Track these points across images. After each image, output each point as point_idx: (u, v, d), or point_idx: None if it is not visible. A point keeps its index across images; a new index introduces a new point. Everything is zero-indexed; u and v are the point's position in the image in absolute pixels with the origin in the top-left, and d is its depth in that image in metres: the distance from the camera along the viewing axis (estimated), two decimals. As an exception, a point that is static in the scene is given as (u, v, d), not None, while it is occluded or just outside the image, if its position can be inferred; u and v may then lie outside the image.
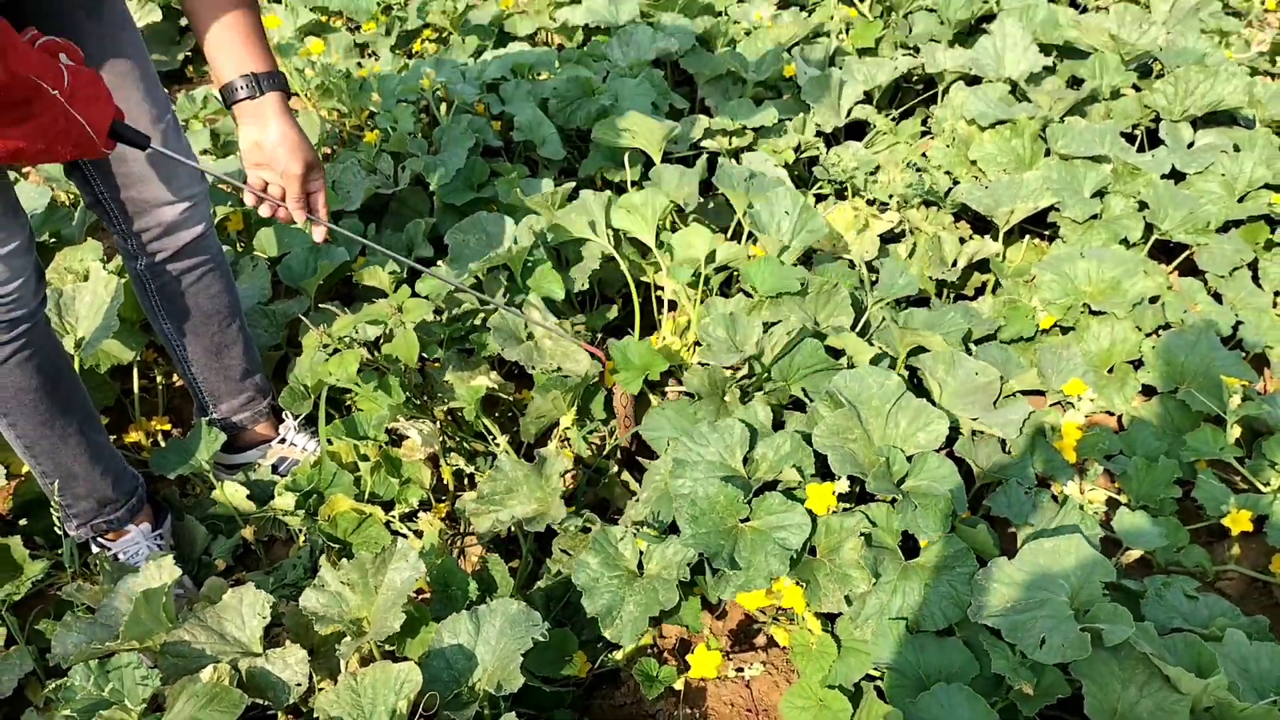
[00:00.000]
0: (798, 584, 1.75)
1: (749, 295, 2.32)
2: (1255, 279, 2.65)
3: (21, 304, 1.68)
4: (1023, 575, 1.66)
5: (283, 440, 2.30)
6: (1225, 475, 2.21)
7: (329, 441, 2.14)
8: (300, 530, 2.06)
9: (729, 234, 2.66)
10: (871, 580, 1.71)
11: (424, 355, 2.26)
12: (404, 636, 1.69)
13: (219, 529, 2.21)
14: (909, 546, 1.81)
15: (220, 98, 1.63)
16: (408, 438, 2.09)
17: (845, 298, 2.30)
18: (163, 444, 2.32)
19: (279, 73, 1.63)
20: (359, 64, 3.45)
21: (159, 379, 2.52)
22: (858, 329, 2.37)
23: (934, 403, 2.03)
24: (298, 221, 1.69)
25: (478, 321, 2.36)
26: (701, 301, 2.30)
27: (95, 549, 2.02)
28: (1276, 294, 2.65)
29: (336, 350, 2.10)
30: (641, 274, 2.48)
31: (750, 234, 2.50)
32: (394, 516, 2.07)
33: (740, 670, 1.87)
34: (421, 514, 2.04)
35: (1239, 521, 2.01)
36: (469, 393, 2.15)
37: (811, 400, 2.04)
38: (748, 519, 1.76)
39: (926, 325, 2.29)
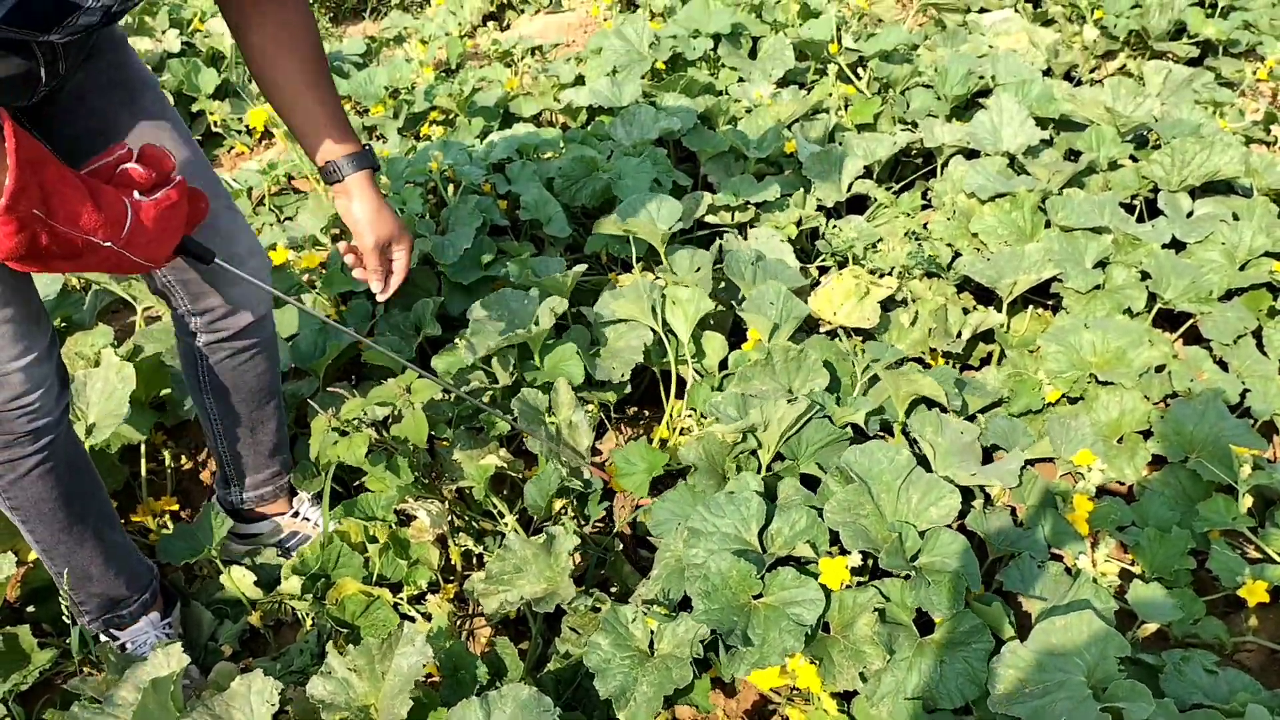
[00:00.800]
0: (812, 662, 1.73)
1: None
2: (1259, 346, 2.65)
3: (44, 412, 1.66)
4: (1037, 656, 1.64)
5: (295, 514, 2.30)
6: (1238, 544, 2.19)
7: (338, 522, 2.14)
8: (308, 615, 2.05)
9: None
10: (886, 657, 1.69)
11: (433, 434, 2.27)
12: (413, 723, 1.67)
13: (225, 613, 2.20)
14: (923, 622, 1.80)
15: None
16: (416, 518, 2.08)
17: (816, 361, 2.34)
18: (169, 527, 2.32)
19: (363, 151, 1.75)
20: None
21: (167, 460, 2.53)
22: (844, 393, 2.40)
23: (929, 468, 2.03)
24: (372, 289, 1.85)
25: (486, 400, 2.37)
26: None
27: (103, 638, 2.01)
28: (1282, 361, 2.65)
29: (345, 432, 2.11)
30: (663, 360, 2.52)
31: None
32: (402, 599, 2.06)
33: (754, 753, 1.84)
34: (430, 596, 2.03)
35: (1255, 593, 1.98)
36: (478, 472, 2.15)
37: (824, 472, 2.04)
38: (760, 595, 1.75)
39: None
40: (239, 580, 2.15)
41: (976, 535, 2.00)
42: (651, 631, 1.81)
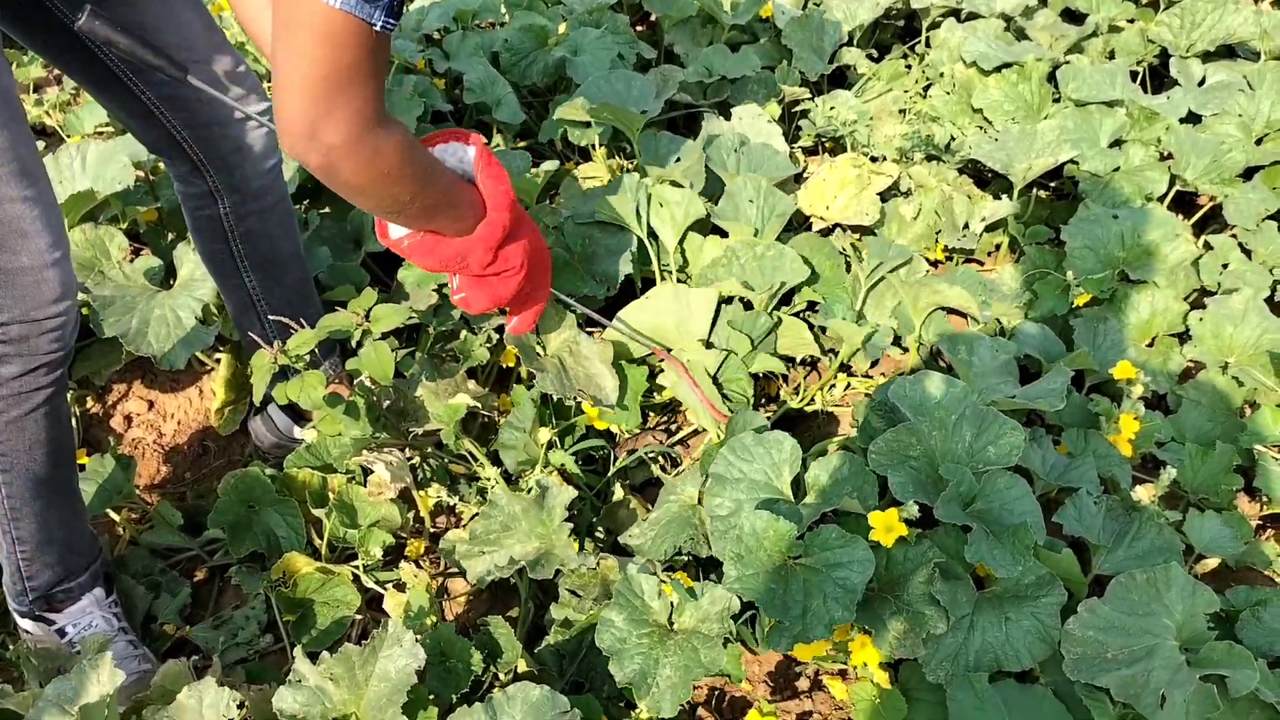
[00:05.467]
0: (864, 631, 1.51)
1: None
2: (1281, 230, 2.46)
3: (69, 332, 1.47)
4: (1120, 616, 1.44)
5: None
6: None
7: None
8: (249, 589, 1.76)
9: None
10: (948, 619, 1.48)
11: (398, 370, 1.94)
12: (405, 737, 1.41)
13: (159, 585, 1.90)
14: (978, 575, 1.59)
15: None
16: (373, 473, 1.78)
17: (794, 259, 2.12)
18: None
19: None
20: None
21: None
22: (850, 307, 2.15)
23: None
24: None
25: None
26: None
27: (26, 627, 1.69)
28: (1306, 246, 2.46)
29: (294, 372, 1.77)
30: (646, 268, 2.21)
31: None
32: (359, 567, 1.77)
33: (788, 725, 1.64)
34: (402, 563, 1.74)
35: (1313, 514, 1.83)
36: (446, 413, 1.84)
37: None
38: (800, 556, 1.51)
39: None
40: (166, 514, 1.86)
41: (1023, 469, 1.78)
42: (672, 603, 1.56)
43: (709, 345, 1.99)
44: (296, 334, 1.71)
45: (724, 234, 2.24)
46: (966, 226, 2.39)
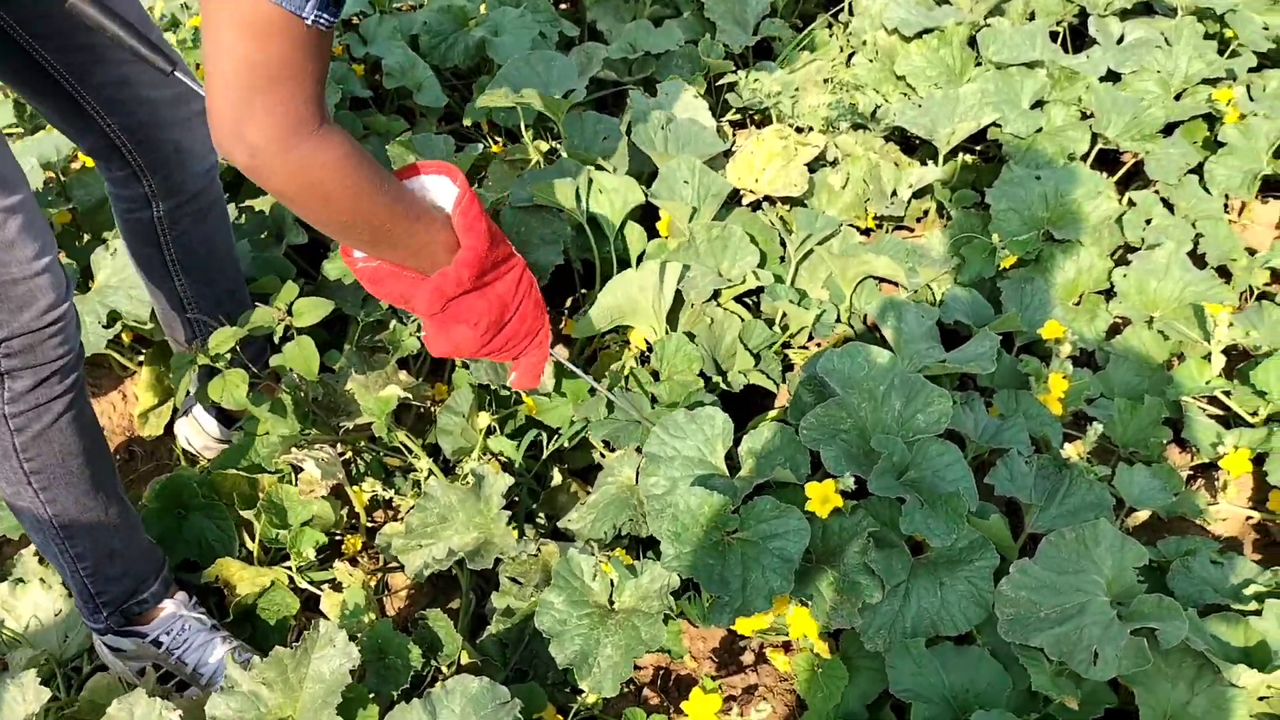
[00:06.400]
0: (802, 602, 1.51)
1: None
2: (1202, 183, 2.49)
3: (73, 330, 1.41)
4: (1050, 575, 1.45)
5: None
6: (1209, 409, 2.07)
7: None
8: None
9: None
10: (885, 588, 1.49)
11: (324, 364, 1.91)
12: (343, 737, 1.39)
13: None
14: (914, 542, 1.60)
15: None
16: (303, 471, 1.75)
17: (741, 238, 2.10)
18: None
19: None
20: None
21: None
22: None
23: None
24: None
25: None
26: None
27: (116, 643, 1.66)
28: (1226, 199, 2.51)
29: (215, 370, 1.73)
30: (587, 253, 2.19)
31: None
32: (292, 569, 1.74)
33: (732, 699, 1.64)
34: (337, 563, 1.71)
35: (1238, 463, 1.86)
36: (378, 405, 1.81)
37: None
38: (736, 530, 1.51)
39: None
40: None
41: (956, 433, 1.80)
42: (612, 582, 1.56)
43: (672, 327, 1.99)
44: (216, 332, 1.67)
45: (656, 214, 2.23)
46: (894, 194, 2.40)
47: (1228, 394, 1.99)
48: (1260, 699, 1.40)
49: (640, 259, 2.14)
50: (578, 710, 1.58)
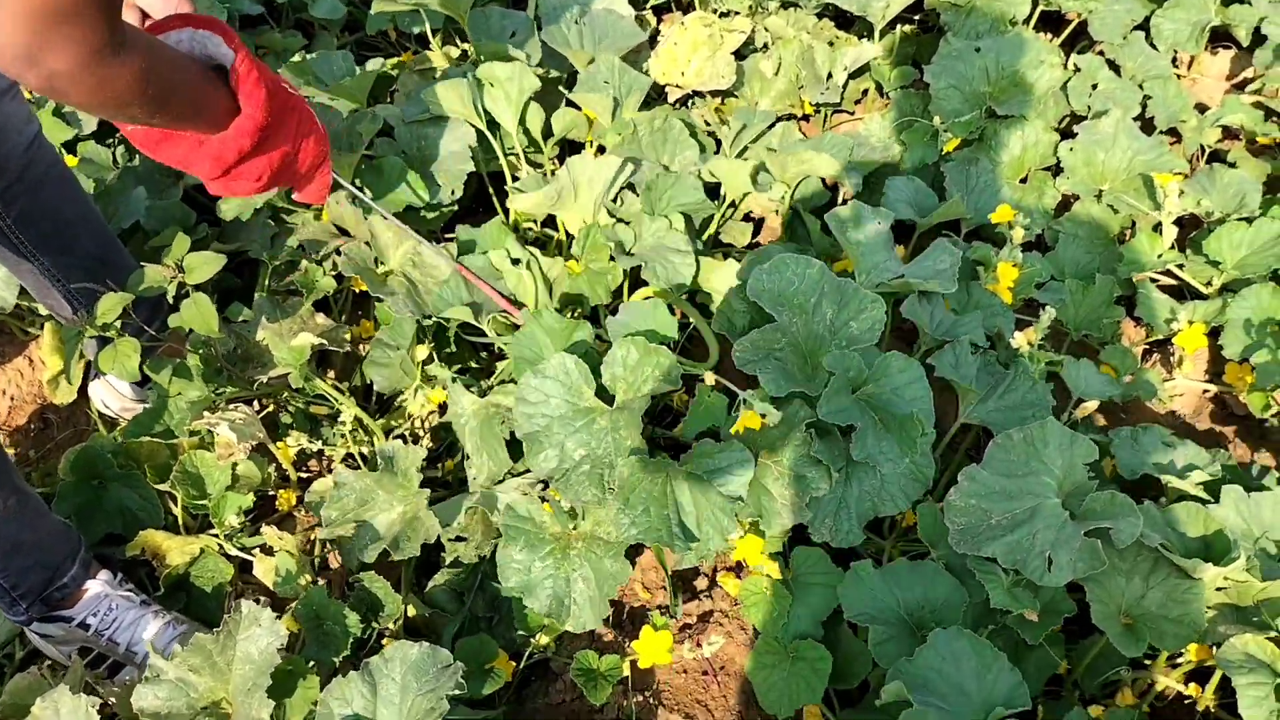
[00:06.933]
0: (753, 523, 1.46)
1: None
2: (1149, 40, 2.38)
3: None
4: (1001, 480, 1.40)
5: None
6: (1163, 280, 2.01)
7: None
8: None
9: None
10: (831, 476, 1.43)
11: (226, 316, 1.79)
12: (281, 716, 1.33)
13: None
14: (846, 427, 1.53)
15: None
16: (217, 434, 1.64)
17: (681, 130, 2.01)
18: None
19: None
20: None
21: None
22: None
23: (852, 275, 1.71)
24: None
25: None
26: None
27: (45, 630, 1.58)
28: (1174, 54, 2.40)
29: (107, 340, 1.61)
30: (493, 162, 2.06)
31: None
32: (220, 536, 1.66)
33: (688, 628, 1.60)
34: (265, 528, 1.63)
35: (1193, 338, 1.81)
36: (292, 355, 1.71)
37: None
38: (681, 467, 1.43)
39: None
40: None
41: (912, 326, 1.73)
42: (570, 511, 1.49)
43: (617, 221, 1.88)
44: (102, 299, 1.55)
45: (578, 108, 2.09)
46: (830, 77, 2.26)
47: (1181, 266, 1.93)
48: (1218, 589, 1.37)
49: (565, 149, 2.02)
50: (531, 653, 1.54)
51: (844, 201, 2.09)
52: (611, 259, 1.75)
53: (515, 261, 1.78)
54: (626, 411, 1.43)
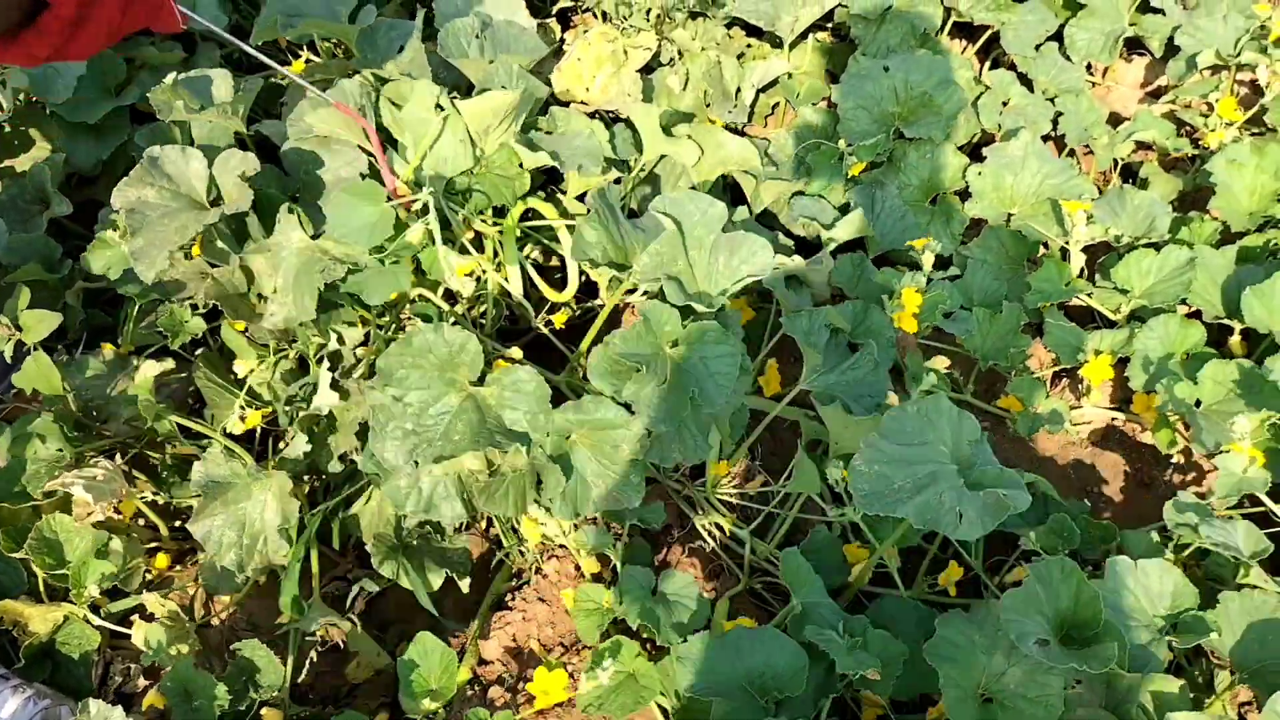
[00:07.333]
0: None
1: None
2: (1063, 51, 2.34)
3: None
4: (900, 449, 1.36)
5: None
6: (1073, 303, 1.98)
7: None
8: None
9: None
10: None
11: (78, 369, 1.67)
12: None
13: None
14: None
15: None
16: (73, 494, 1.53)
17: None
18: None
19: None
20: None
21: None
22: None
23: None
24: None
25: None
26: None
27: None
28: (1089, 66, 2.36)
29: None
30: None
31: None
32: (83, 605, 1.55)
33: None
34: (145, 592, 1.53)
35: (1099, 370, 1.78)
36: (138, 389, 1.60)
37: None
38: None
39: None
40: None
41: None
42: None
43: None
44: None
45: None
46: (739, 92, 2.19)
47: (1089, 294, 1.90)
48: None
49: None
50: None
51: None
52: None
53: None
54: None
